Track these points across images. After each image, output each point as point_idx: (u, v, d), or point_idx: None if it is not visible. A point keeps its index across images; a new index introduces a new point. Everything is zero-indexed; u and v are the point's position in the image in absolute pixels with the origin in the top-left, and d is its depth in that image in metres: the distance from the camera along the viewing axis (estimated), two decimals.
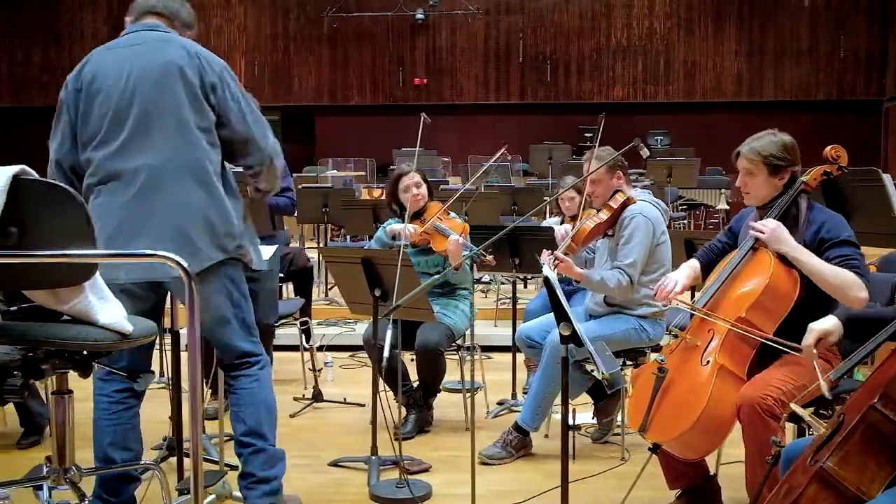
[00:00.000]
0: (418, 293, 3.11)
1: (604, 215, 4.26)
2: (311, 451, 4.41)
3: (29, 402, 4.45)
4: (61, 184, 2.04)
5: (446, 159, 11.59)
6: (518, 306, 5.43)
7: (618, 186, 4.36)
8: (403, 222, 4.86)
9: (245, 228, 3.07)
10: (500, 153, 4.93)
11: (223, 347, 3.14)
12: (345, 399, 5.29)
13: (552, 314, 4.64)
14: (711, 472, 3.48)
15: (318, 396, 5.27)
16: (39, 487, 2.36)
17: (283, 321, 5.62)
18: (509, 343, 5.95)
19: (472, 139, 13.67)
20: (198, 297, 1.80)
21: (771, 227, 3.12)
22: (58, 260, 1.93)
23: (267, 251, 3.25)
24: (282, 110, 14.79)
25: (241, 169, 3.15)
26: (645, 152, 3.65)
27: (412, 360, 4.72)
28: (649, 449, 3.20)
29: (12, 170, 1.98)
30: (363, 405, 5.24)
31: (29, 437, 4.48)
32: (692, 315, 3.24)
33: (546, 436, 4.55)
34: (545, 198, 9.55)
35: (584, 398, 4.63)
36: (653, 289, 4.29)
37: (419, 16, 14.22)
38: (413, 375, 4.77)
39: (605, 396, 4.51)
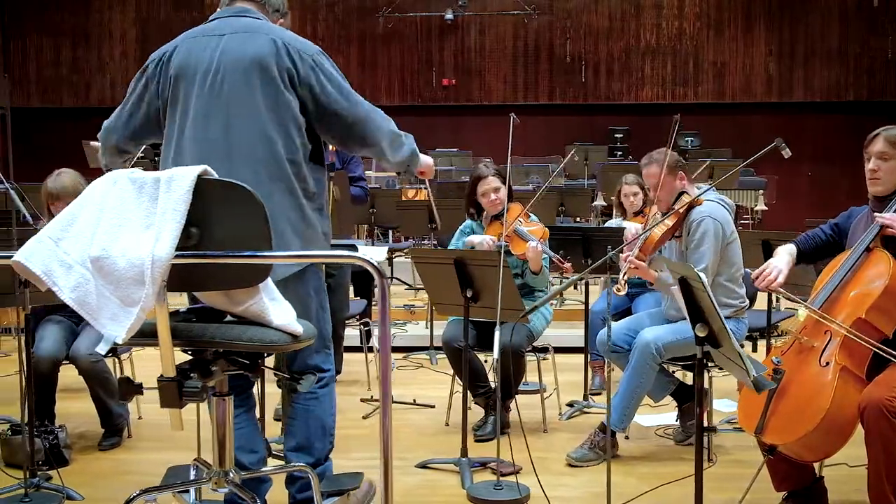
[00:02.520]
0: (553, 295, 3.08)
1: (670, 221, 4.23)
2: (395, 452, 4.40)
3: (110, 403, 4.45)
4: (242, 183, 2.02)
5: (487, 160, 11.55)
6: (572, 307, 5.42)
7: (682, 188, 4.34)
8: (481, 224, 4.85)
9: (325, 232, 2.97)
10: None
11: (293, 356, 3.03)
12: (414, 400, 5.28)
13: (633, 317, 4.68)
14: (817, 475, 3.46)
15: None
16: (185, 491, 2.34)
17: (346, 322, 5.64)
18: (574, 344, 5.95)
19: (502, 140, 13.64)
20: (384, 300, 1.79)
21: None
22: (256, 261, 1.91)
23: (379, 252, 3.22)
24: None
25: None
26: (787, 153, 3.61)
27: (485, 360, 4.71)
28: (765, 451, 3.18)
29: (196, 170, 1.97)
30: (433, 406, 5.24)
31: (110, 439, 4.49)
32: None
33: (626, 437, 4.54)
34: (594, 198, 9.56)
35: (655, 400, 4.61)
36: (728, 287, 4.30)
37: (448, 16, 14.21)
38: (489, 376, 4.77)
39: (689, 399, 4.49)
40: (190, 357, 2.12)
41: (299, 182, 2.85)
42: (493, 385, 4.72)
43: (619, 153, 13.14)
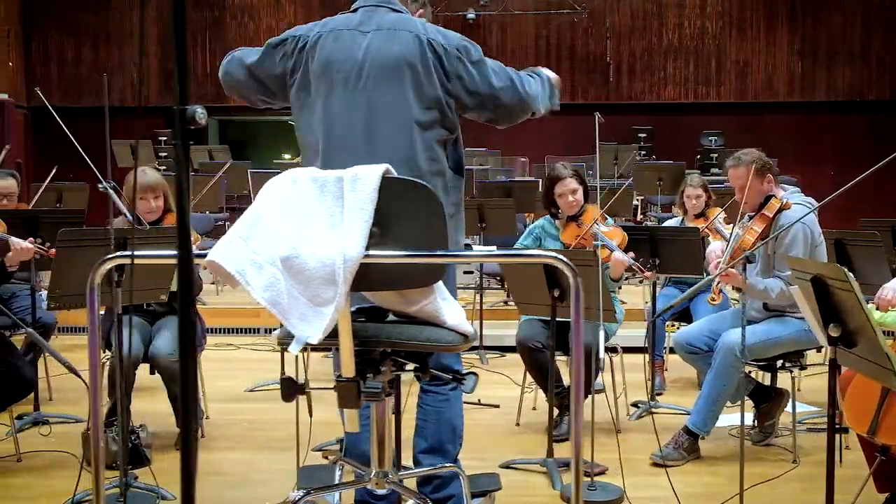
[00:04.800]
0: (690, 294, 3.07)
1: (759, 227, 4.21)
2: (471, 452, 4.39)
3: None
4: (424, 182, 2.00)
5: (524, 159, 11.56)
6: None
7: (769, 191, 4.32)
8: (554, 223, 4.83)
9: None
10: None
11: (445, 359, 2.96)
12: (479, 400, 5.27)
13: (711, 317, 4.65)
14: None
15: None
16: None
17: None
18: (634, 344, 5.94)
19: (525, 139, 13.62)
20: (578, 299, 1.78)
21: None
22: (446, 261, 1.90)
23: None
24: None
25: None
26: None
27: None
28: (877, 452, 3.17)
29: (380, 169, 1.95)
30: (497, 406, 5.23)
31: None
32: None
33: (702, 438, 4.52)
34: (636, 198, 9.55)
35: (732, 401, 4.60)
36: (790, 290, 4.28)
37: (470, 15, 14.19)
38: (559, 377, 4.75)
39: (767, 399, 4.48)
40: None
41: (441, 181, 2.84)
42: (566, 385, 4.71)
43: (643, 153, 13.12)
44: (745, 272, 4.00)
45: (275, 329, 7.27)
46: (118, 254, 2.06)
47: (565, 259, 1.85)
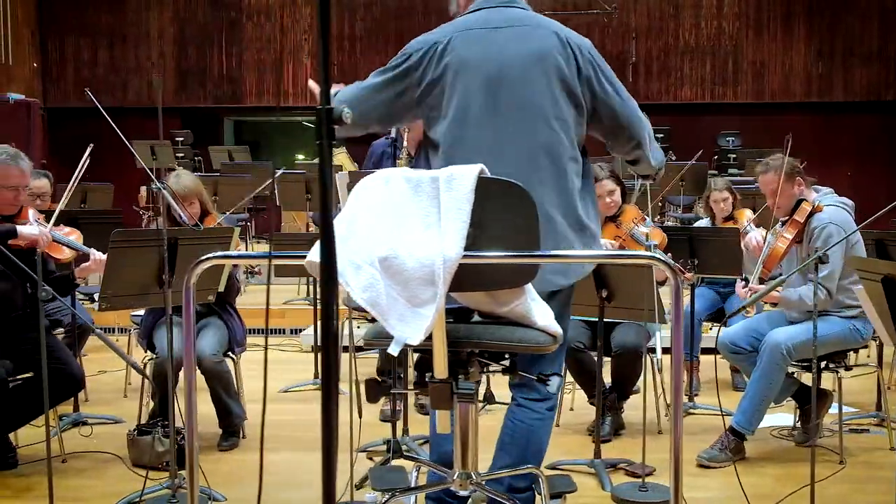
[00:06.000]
0: (762, 295, 3.06)
1: (790, 234, 4.20)
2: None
3: (230, 404, 4.44)
4: (518, 182, 1.99)
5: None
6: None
7: (800, 195, 4.32)
8: None
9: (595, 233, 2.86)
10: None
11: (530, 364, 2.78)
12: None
13: (755, 318, 4.64)
14: None
15: (490, 398, 5.22)
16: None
17: None
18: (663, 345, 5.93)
19: None
20: (678, 298, 1.77)
21: None
22: (549, 261, 1.89)
23: None
24: None
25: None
26: None
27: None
28: None
29: (476, 169, 1.95)
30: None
31: (229, 439, 4.48)
32: None
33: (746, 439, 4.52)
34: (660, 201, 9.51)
35: (776, 402, 4.59)
36: (851, 290, 4.26)
37: None
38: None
39: (810, 400, 4.46)
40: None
41: (578, 180, 2.79)
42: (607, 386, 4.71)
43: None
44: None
45: (302, 329, 7.31)
46: (215, 254, 2.05)
47: (665, 259, 1.85)
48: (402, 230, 1.94)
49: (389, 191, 1.99)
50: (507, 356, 2.22)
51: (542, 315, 2.10)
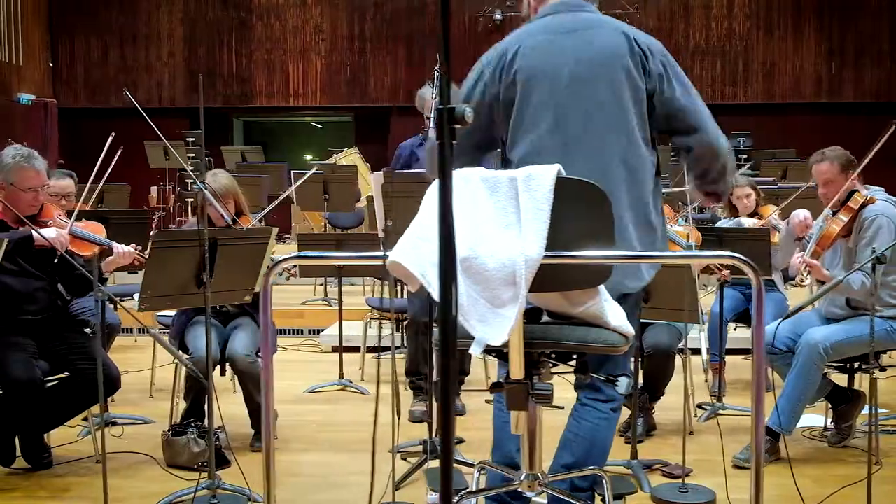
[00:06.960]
0: (818, 297, 3.05)
1: (844, 217, 4.23)
2: (551, 455, 4.38)
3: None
4: (594, 182, 1.98)
5: None
6: None
7: (853, 187, 4.34)
8: None
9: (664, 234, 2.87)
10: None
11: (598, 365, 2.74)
12: None
13: (795, 317, 4.63)
14: None
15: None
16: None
17: None
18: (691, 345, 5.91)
19: None
20: (760, 300, 1.76)
21: None
22: (629, 262, 1.89)
23: None
24: (355, 111, 14.76)
25: None
26: None
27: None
28: None
29: (554, 169, 1.94)
30: (562, 407, 5.19)
31: (262, 440, 4.45)
32: None
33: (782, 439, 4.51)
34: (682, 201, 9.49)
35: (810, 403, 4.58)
36: (894, 286, 4.26)
37: (497, 16, 14.17)
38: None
39: (845, 401, 4.46)
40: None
41: (650, 180, 2.78)
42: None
43: (672, 153, 13.07)
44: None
45: (322, 330, 7.27)
46: (293, 255, 2.04)
47: (747, 259, 1.84)
48: (480, 230, 1.93)
49: (469, 191, 1.97)
50: (574, 357, 2.21)
51: (615, 315, 2.09)
